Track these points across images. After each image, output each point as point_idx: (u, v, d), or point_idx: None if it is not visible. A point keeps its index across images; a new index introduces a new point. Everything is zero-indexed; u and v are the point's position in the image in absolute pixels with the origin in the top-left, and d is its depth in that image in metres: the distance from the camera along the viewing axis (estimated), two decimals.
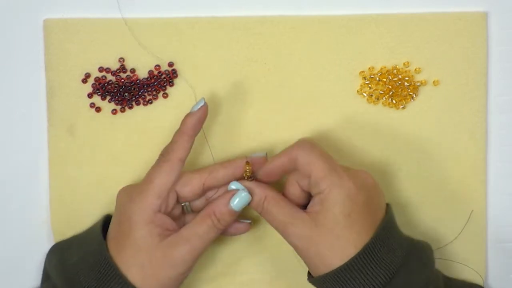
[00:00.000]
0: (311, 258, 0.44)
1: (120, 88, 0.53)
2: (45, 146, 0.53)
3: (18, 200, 0.53)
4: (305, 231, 0.44)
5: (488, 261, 0.54)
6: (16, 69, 0.53)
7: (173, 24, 0.53)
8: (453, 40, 0.53)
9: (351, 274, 0.43)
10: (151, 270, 0.45)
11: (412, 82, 0.53)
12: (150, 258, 0.45)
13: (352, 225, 0.43)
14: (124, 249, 0.46)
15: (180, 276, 0.46)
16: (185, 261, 0.45)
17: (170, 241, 0.46)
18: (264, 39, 0.53)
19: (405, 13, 0.53)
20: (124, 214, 0.47)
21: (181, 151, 0.47)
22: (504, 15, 0.53)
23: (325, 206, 0.44)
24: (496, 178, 0.53)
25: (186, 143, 0.47)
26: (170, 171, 0.47)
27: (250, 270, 0.53)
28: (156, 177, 0.47)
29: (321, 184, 0.44)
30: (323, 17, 0.53)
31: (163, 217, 0.46)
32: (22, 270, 0.53)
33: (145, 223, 0.46)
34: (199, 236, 0.46)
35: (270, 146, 0.53)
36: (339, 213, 0.44)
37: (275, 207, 0.46)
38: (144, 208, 0.46)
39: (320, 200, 0.44)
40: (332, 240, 0.43)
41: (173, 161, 0.47)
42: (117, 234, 0.47)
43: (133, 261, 0.45)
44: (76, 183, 0.53)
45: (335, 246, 0.43)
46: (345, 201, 0.44)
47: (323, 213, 0.44)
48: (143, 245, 0.45)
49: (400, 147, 0.53)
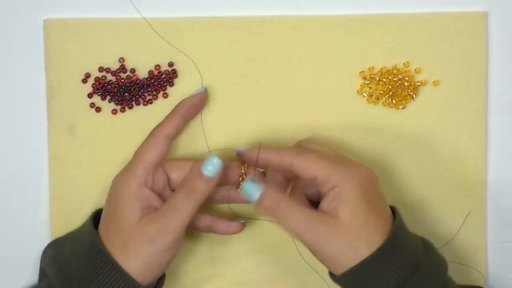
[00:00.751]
0: (335, 253, 0.43)
1: (120, 88, 0.53)
2: (45, 146, 0.53)
3: (18, 200, 0.53)
4: (327, 227, 0.43)
5: (488, 261, 0.54)
6: (16, 69, 0.53)
7: (173, 24, 0.53)
8: (453, 40, 0.53)
9: (381, 263, 0.42)
10: (132, 247, 0.44)
11: (412, 82, 0.53)
12: (131, 234, 0.45)
13: (373, 211, 0.43)
14: (111, 227, 0.46)
15: (161, 254, 0.45)
16: (162, 236, 0.44)
17: (150, 216, 0.45)
18: (264, 39, 0.53)
19: (405, 13, 0.53)
20: (111, 192, 0.47)
21: (169, 128, 0.48)
22: (504, 15, 0.53)
23: (343, 197, 0.43)
24: (496, 178, 0.53)
25: (175, 120, 0.49)
26: (156, 145, 0.47)
27: (250, 270, 0.53)
28: (142, 150, 0.48)
29: (330, 180, 0.44)
30: (323, 17, 0.53)
31: (148, 192, 0.46)
32: (22, 270, 0.53)
33: (128, 197, 0.46)
34: (175, 208, 0.45)
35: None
36: (359, 200, 0.43)
37: (290, 209, 0.44)
38: (129, 182, 0.46)
39: (335, 194, 0.44)
40: (359, 228, 0.43)
41: (159, 136, 0.48)
42: (105, 215, 0.47)
43: (116, 238, 0.45)
44: (76, 183, 0.53)
45: (363, 234, 0.43)
46: (361, 188, 0.43)
47: (343, 205, 0.43)
48: (125, 220, 0.45)
49: (400, 147, 0.53)
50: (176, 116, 0.49)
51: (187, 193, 0.46)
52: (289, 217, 0.44)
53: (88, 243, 0.46)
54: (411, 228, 0.46)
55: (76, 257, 0.46)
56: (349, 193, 0.43)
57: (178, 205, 0.45)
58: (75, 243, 0.48)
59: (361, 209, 0.43)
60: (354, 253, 0.43)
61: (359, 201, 0.43)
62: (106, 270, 0.44)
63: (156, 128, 0.49)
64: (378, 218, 0.44)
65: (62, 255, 0.47)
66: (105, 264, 0.44)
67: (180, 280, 0.53)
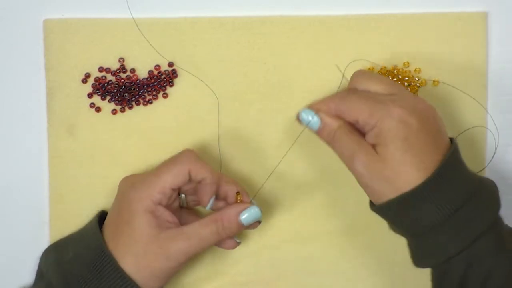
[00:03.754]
0: (376, 185, 0.44)
1: (120, 88, 0.53)
2: (45, 146, 0.53)
3: (18, 200, 0.53)
4: (369, 159, 0.44)
5: None
6: (16, 69, 0.53)
7: (173, 24, 0.53)
8: (453, 40, 0.53)
9: (420, 198, 0.43)
10: (145, 261, 0.45)
11: (412, 82, 0.53)
12: (146, 248, 0.45)
13: (412, 148, 0.43)
14: (121, 236, 0.46)
15: (171, 270, 0.46)
16: (180, 256, 0.46)
17: (170, 234, 0.46)
18: (264, 39, 0.53)
19: (405, 13, 0.53)
20: (124, 201, 0.47)
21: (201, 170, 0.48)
22: (504, 15, 0.53)
23: (380, 137, 0.44)
24: (496, 178, 0.53)
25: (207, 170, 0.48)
26: (181, 174, 0.47)
27: (250, 271, 0.53)
28: (165, 173, 0.47)
29: (370, 122, 0.44)
30: (323, 17, 0.53)
31: (162, 209, 0.47)
32: (21, 270, 0.53)
33: (144, 212, 0.46)
34: (200, 237, 0.46)
35: (270, 146, 0.53)
36: (396, 138, 0.43)
37: (346, 135, 0.45)
38: (145, 198, 0.46)
39: (374, 134, 0.44)
40: (396, 165, 0.43)
41: (185, 169, 0.47)
42: (114, 222, 0.47)
43: (128, 250, 0.45)
44: (76, 183, 0.53)
45: (400, 171, 0.43)
46: (398, 126, 0.44)
47: (381, 143, 0.44)
48: (140, 234, 0.45)
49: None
50: (209, 171, 0.48)
51: (218, 230, 0.47)
52: (342, 144, 0.45)
53: (93, 247, 0.46)
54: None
55: (80, 260, 0.46)
56: (386, 132, 0.44)
57: (206, 236, 0.46)
58: (79, 245, 0.48)
59: (398, 147, 0.43)
60: (394, 188, 0.43)
61: (396, 139, 0.43)
62: (113, 277, 0.44)
63: (186, 155, 0.48)
64: (420, 154, 0.43)
65: (64, 256, 0.47)
66: (112, 271, 0.45)
67: (180, 280, 0.53)
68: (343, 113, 0.46)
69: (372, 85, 0.47)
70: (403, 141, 0.43)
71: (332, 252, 0.53)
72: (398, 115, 0.44)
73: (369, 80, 0.47)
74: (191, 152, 0.49)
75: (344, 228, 0.53)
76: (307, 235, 0.53)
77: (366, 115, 0.44)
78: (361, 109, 0.45)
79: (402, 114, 0.44)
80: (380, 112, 0.44)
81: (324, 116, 0.46)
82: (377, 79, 0.47)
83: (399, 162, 0.43)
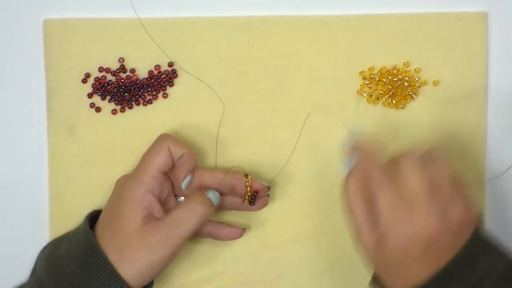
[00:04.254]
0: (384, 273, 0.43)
1: (120, 88, 0.53)
2: (45, 146, 0.53)
3: (18, 200, 0.53)
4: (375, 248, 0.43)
5: None
6: (16, 69, 0.53)
7: (173, 24, 0.53)
8: (453, 40, 0.53)
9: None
10: (128, 254, 0.44)
11: (412, 82, 0.53)
12: (129, 241, 0.45)
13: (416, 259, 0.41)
14: (109, 229, 0.46)
15: (156, 264, 0.45)
16: (162, 248, 0.45)
17: (152, 226, 0.45)
18: (264, 39, 0.53)
19: (405, 13, 0.53)
20: (115, 196, 0.48)
21: (173, 139, 0.48)
22: (504, 15, 0.53)
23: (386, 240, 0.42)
24: (496, 178, 0.53)
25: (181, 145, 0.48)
26: (163, 153, 0.47)
27: (250, 270, 0.53)
28: (150, 155, 0.47)
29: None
30: (323, 17, 0.53)
31: (152, 200, 0.46)
32: (21, 270, 0.53)
33: (132, 203, 0.46)
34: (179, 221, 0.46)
35: (270, 146, 0.53)
36: (404, 247, 0.42)
37: (357, 207, 0.44)
38: (136, 188, 0.46)
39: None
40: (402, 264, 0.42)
41: (164, 145, 0.48)
42: (105, 216, 0.47)
43: (113, 242, 0.45)
44: (76, 183, 0.53)
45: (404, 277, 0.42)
46: (409, 238, 0.41)
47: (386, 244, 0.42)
48: (126, 226, 0.45)
49: (400, 147, 0.53)
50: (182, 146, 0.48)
51: (194, 207, 0.46)
52: (354, 215, 0.44)
53: (83, 242, 0.46)
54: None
55: (71, 255, 0.46)
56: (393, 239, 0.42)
57: (184, 218, 0.46)
58: (71, 242, 0.48)
59: (407, 252, 0.41)
60: (405, 279, 0.41)
61: (404, 248, 0.41)
62: (101, 272, 0.44)
63: (163, 136, 0.49)
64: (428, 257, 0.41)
65: (57, 253, 0.47)
66: (101, 266, 0.44)
67: (180, 280, 0.53)
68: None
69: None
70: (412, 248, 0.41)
71: (332, 252, 0.53)
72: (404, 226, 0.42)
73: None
74: (167, 134, 0.49)
75: (344, 228, 0.53)
76: (307, 235, 0.53)
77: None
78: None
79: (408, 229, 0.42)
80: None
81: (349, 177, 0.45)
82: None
83: (403, 265, 0.42)
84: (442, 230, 0.40)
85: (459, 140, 0.53)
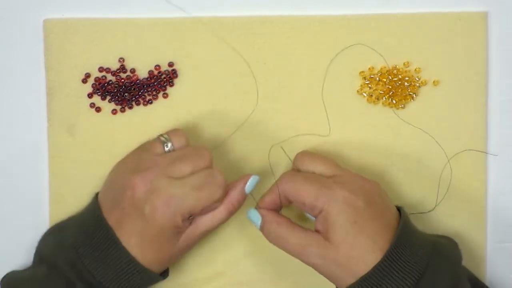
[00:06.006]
0: (334, 273, 0.44)
1: (120, 88, 0.53)
2: (45, 146, 0.53)
3: (18, 200, 0.53)
4: (321, 248, 0.44)
5: (488, 261, 0.54)
6: (16, 69, 0.53)
7: (173, 24, 0.53)
8: (453, 40, 0.53)
9: (377, 280, 0.42)
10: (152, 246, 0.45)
11: (412, 82, 0.53)
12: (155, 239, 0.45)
13: (362, 231, 0.43)
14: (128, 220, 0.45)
15: (178, 253, 0.47)
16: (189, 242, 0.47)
17: (183, 236, 0.47)
18: (264, 39, 0.53)
19: (405, 13, 0.53)
20: (152, 206, 0.45)
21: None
22: (504, 15, 0.53)
23: (329, 221, 0.44)
24: (496, 178, 0.53)
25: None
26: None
27: (250, 270, 0.53)
28: (200, 212, 0.46)
29: (317, 205, 0.44)
30: (323, 17, 0.53)
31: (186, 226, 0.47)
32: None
33: (170, 227, 0.45)
34: (212, 223, 0.47)
35: (270, 146, 0.53)
36: (345, 223, 0.43)
37: (288, 231, 0.46)
38: (173, 219, 0.45)
39: (323, 218, 0.44)
40: (349, 250, 0.43)
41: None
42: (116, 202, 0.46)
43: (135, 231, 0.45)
44: (76, 183, 0.53)
45: (354, 255, 0.43)
46: (346, 210, 0.44)
47: (331, 228, 0.44)
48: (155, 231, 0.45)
49: (400, 147, 0.53)
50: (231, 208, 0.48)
51: (230, 211, 0.48)
52: (287, 241, 0.46)
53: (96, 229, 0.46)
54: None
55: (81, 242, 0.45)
56: (334, 217, 0.44)
57: (219, 220, 0.47)
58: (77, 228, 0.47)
59: (349, 232, 0.43)
60: (351, 273, 0.43)
61: (346, 223, 0.43)
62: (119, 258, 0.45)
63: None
64: (372, 236, 0.43)
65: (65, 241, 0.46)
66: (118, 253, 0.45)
67: (180, 280, 0.53)
68: (289, 195, 0.46)
69: (316, 167, 0.47)
70: (352, 225, 0.43)
71: None
72: (344, 198, 0.44)
73: (313, 162, 0.47)
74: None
75: None
76: None
77: (312, 198, 0.44)
78: (307, 192, 0.45)
79: (348, 196, 0.44)
80: (326, 196, 0.44)
81: (265, 214, 0.47)
82: (321, 161, 0.47)
83: (351, 246, 0.43)
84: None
85: (459, 140, 0.53)
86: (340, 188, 0.44)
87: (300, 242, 0.45)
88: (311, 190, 0.45)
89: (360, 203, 0.44)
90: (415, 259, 0.43)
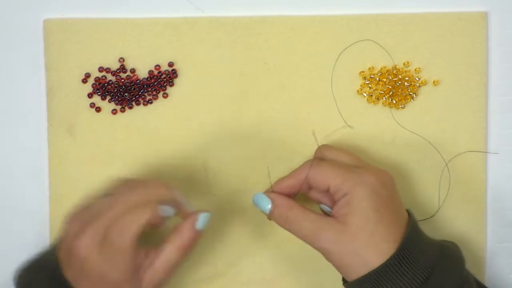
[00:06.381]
0: (345, 260, 0.43)
1: (120, 88, 0.53)
2: (45, 146, 0.53)
3: (18, 200, 0.53)
4: (336, 234, 0.43)
5: (488, 261, 0.54)
6: (16, 69, 0.53)
7: (173, 24, 0.53)
8: (453, 40, 0.53)
9: (391, 272, 0.42)
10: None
11: (412, 82, 0.53)
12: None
13: (383, 220, 0.43)
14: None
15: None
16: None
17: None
18: (264, 39, 0.53)
19: (405, 13, 0.53)
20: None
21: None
22: (504, 15, 0.53)
23: (353, 205, 0.43)
24: (496, 178, 0.53)
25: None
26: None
27: (250, 270, 0.53)
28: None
29: (343, 188, 0.44)
30: (323, 17, 0.53)
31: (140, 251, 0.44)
32: None
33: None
34: (169, 266, 0.44)
35: (270, 146, 0.53)
36: (368, 208, 0.43)
37: (301, 215, 0.45)
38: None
39: (346, 202, 0.44)
40: (367, 237, 0.43)
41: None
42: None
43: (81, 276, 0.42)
44: (76, 183, 0.53)
45: (371, 243, 0.42)
46: (371, 196, 0.43)
47: (352, 213, 0.43)
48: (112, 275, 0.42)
49: (400, 147, 0.53)
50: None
51: (186, 251, 0.45)
52: (300, 225, 0.45)
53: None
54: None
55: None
56: (359, 201, 0.43)
57: (174, 263, 0.44)
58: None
59: (370, 218, 0.43)
60: (363, 262, 0.42)
61: (369, 209, 0.43)
62: None
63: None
64: (389, 226, 0.43)
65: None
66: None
67: (180, 280, 0.53)
68: (314, 180, 0.45)
69: (341, 157, 0.47)
70: (375, 212, 0.43)
71: None
72: (371, 183, 0.44)
73: (338, 152, 0.47)
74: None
75: None
76: None
77: (339, 181, 0.44)
78: (335, 174, 0.44)
79: (376, 183, 0.44)
80: (353, 179, 0.44)
81: (275, 197, 0.46)
82: (345, 152, 0.47)
83: (371, 233, 0.43)
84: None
85: (459, 140, 0.53)
86: (368, 174, 0.44)
87: (313, 226, 0.44)
88: (339, 173, 0.44)
89: (384, 192, 0.44)
90: (424, 257, 0.43)
